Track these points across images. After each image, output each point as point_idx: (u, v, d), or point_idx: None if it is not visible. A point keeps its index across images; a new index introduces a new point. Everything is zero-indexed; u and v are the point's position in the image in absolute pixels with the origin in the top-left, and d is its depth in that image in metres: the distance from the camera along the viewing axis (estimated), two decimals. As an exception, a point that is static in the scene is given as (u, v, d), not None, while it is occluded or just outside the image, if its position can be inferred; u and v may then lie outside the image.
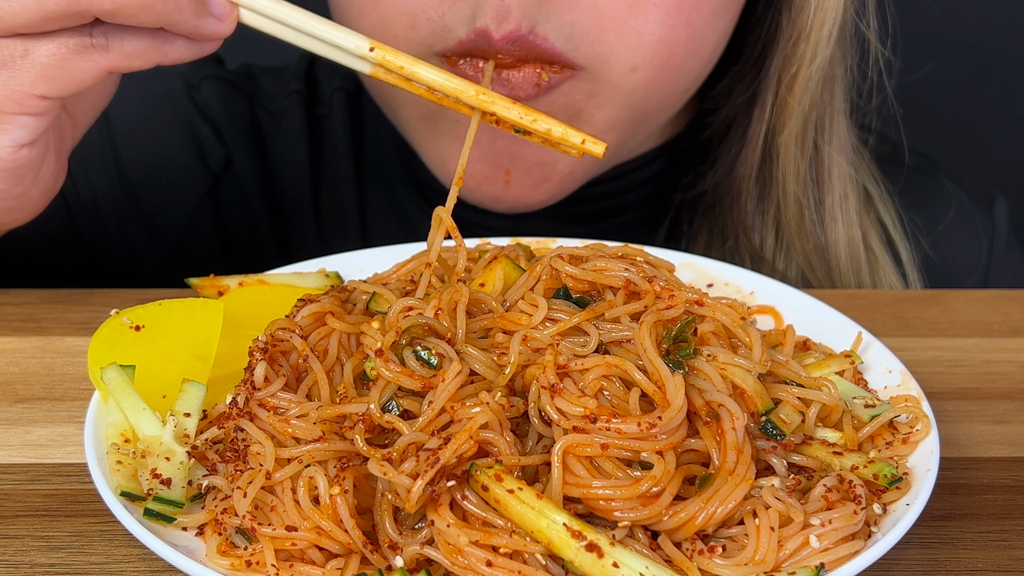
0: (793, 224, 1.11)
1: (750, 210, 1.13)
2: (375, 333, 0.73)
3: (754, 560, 0.64)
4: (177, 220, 1.24)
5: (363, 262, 0.95)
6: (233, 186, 1.25)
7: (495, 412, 0.67)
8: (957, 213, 1.22)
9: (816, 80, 1.05)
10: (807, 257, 1.12)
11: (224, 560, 0.66)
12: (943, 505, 0.76)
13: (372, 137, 1.26)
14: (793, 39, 1.04)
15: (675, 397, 0.67)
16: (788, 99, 1.06)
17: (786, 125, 1.07)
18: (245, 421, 0.71)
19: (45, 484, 0.77)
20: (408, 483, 0.64)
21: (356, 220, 1.24)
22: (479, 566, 0.63)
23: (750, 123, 1.10)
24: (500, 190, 1.04)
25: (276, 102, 1.28)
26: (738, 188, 1.12)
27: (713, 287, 0.94)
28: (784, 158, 1.09)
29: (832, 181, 1.11)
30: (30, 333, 0.95)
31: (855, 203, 1.13)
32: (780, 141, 1.08)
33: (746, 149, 1.10)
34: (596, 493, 0.66)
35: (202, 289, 0.89)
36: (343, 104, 1.26)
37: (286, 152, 1.26)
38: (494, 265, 0.80)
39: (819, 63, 1.04)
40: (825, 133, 1.10)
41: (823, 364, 0.82)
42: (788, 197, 1.10)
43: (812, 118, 1.08)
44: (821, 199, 1.11)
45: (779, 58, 1.06)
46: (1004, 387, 0.91)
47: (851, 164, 1.13)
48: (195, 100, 1.26)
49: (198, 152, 1.25)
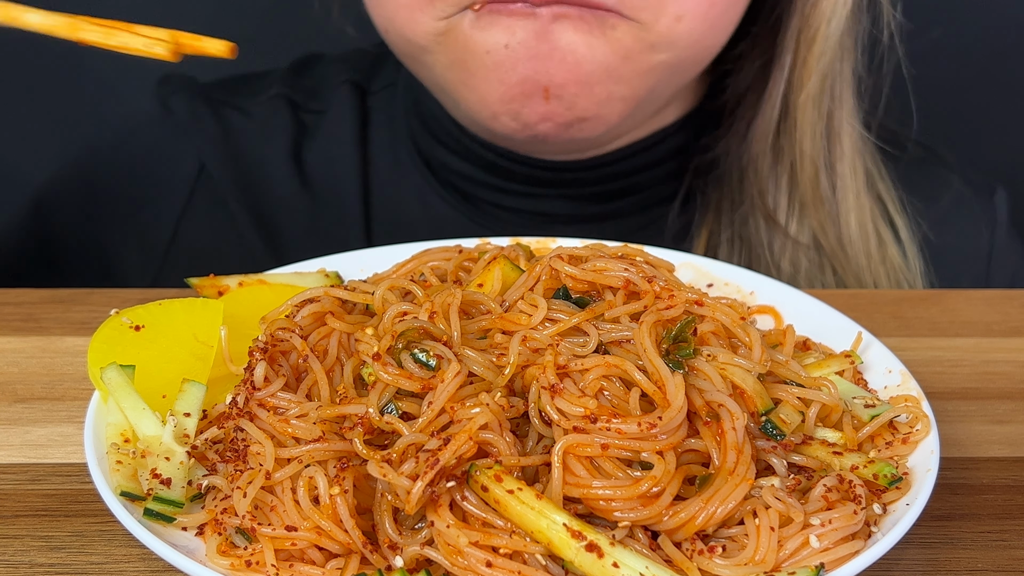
0: (809, 186, 1.12)
1: (765, 172, 1.13)
2: (370, 339, 0.73)
3: (754, 560, 0.65)
4: (160, 235, 1.25)
5: (363, 262, 0.95)
6: (210, 195, 1.25)
7: (495, 413, 0.67)
8: (957, 200, 1.23)
9: (835, 40, 1.07)
10: (820, 221, 1.13)
11: (224, 560, 0.66)
12: (943, 505, 0.76)
13: (382, 122, 1.25)
14: (812, 1, 1.06)
15: (675, 397, 0.67)
16: (808, 58, 1.07)
17: (804, 85, 1.08)
18: (245, 421, 0.71)
19: (45, 484, 0.77)
20: (408, 484, 0.64)
21: (359, 211, 1.23)
22: (479, 567, 0.63)
23: (766, 85, 1.11)
24: (543, 108, 1.02)
25: (258, 107, 1.28)
26: (754, 150, 1.13)
27: (713, 287, 0.94)
28: (802, 118, 1.10)
29: (844, 148, 1.12)
30: (30, 333, 0.95)
31: (863, 174, 1.14)
32: (799, 101, 1.09)
33: (764, 109, 1.11)
34: (596, 493, 0.66)
35: (202, 289, 0.89)
36: (349, 95, 1.25)
37: (271, 154, 1.26)
38: (493, 265, 0.80)
39: (836, 23, 1.06)
40: (838, 99, 1.11)
41: (823, 364, 0.82)
42: (804, 158, 1.11)
43: (829, 80, 1.09)
44: (833, 164, 1.12)
45: (798, 18, 1.07)
46: (1004, 387, 0.91)
47: (860, 137, 1.14)
48: (169, 115, 1.27)
49: (175, 167, 1.26)
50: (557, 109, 1.02)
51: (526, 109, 1.03)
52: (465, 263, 0.85)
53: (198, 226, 1.25)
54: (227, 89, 1.30)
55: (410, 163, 1.24)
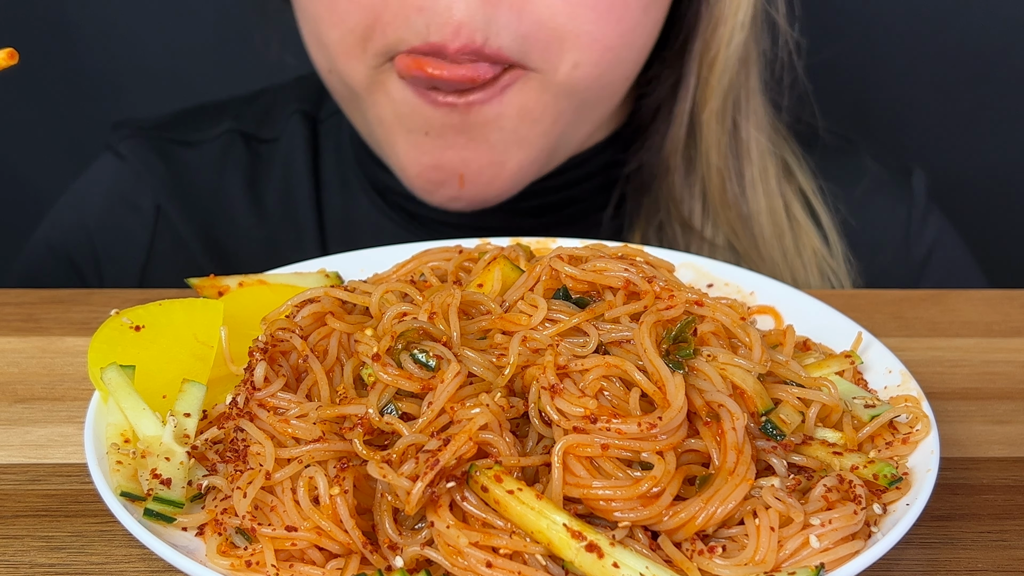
0: (716, 194, 1.20)
1: (678, 183, 1.22)
2: (369, 340, 0.73)
3: (754, 560, 0.65)
4: (129, 283, 1.29)
5: (363, 262, 0.95)
6: (170, 235, 1.29)
7: (495, 413, 0.67)
8: (874, 183, 1.30)
9: (734, 61, 1.16)
10: (731, 224, 1.21)
11: (224, 560, 0.66)
12: (943, 505, 0.76)
13: (331, 149, 1.32)
14: (712, 25, 1.15)
15: (675, 397, 0.67)
16: (709, 79, 1.16)
17: (708, 103, 1.17)
18: (245, 421, 0.71)
19: (45, 484, 0.77)
20: (408, 485, 0.64)
21: (315, 235, 1.30)
22: (479, 567, 0.63)
23: (675, 103, 1.20)
24: (456, 191, 1.11)
25: (211, 141, 1.32)
26: (667, 164, 1.21)
27: (713, 287, 0.94)
28: (707, 134, 1.19)
29: (752, 155, 1.20)
30: (30, 333, 0.96)
31: (775, 175, 1.22)
32: (703, 118, 1.18)
33: (673, 127, 1.20)
34: (596, 493, 0.66)
35: (202, 289, 0.89)
36: (299, 125, 1.32)
37: (226, 187, 1.31)
38: (492, 266, 0.80)
39: (735, 46, 1.15)
40: (743, 111, 1.20)
41: (823, 364, 0.82)
42: (711, 170, 1.20)
43: (731, 97, 1.18)
44: (741, 171, 1.21)
45: (700, 42, 1.16)
46: (1004, 387, 0.91)
47: (770, 140, 1.22)
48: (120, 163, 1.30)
49: (135, 213, 1.29)
50: (470, 191, 1.11)
51: (440, 190, 1.11)
52: (465, 263, 0.85)
53: (162, 268, 1.29)
54: (177, 126, 1.35)
55: (359, 187, 1.29)
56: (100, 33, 1.71)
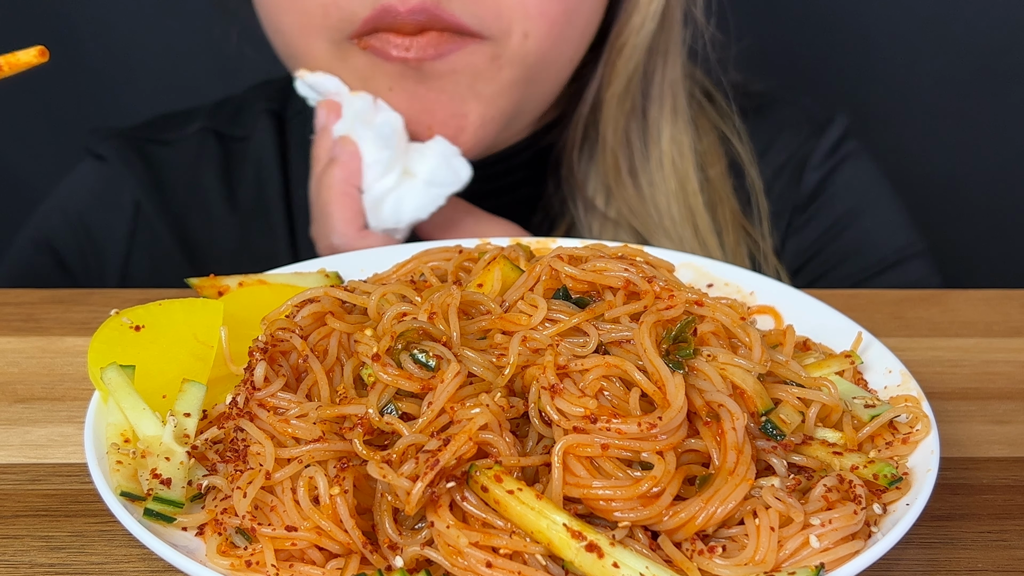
0: (611, 174, 1.27)
1: (582, 163, 1.29)
2: (369, 340, 0.73)
3: (754, 560, 0.65)
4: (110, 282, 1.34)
5: (363, 262, 0.95)
6: (149, 232, 1.34)
7: (494, 413, 0.67)
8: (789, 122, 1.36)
9: (642, 49, 1.23)
10: (628, 203, 1.27)
11: (224, 560, 0.66)
12: (943, 505, 0.76)
13: (297, 145, 1.36)
14: (627, 14, 1.22)
15: (675, 397, 0.67)
16: (616, 62, 1.24)
17: (611, 84, 1.24)
18: (245, 421, 0.71)
19: (45, 484, 0.77)
20: (408, 485, 0.64)
21: (284, 230, 1.34)
22: (479, 567, 0.63)
23: (587, 84, 1.27)
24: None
25: (186, 140, 1.38)
26: (572, 139, 1.28)
27: (713, 287, 0.94)
28: (606, 112, 1.26)
29: (660, 141, 1.27)
30: (30, 333, 0.96)
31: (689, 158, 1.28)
32: (605, 97, 1.25)
33: (581, 105, 1.27)
34: (596, 493, 0.66)
35: (202, 289, 0.89)
36: (267, 123, 1.38)
37: (202, 183, 1.36)
38: (492, 266, 0.80)
39: (644, 33, 1.22)
40: (651, 97, 1.26)
41: (823, 364, 0.82)
42: (607, 148, 1.27)
43: (636, 81, 1.25)
44: (647, 154, 1.27)
45: (615, 29, 1.24)
46: (1004, 387, 0.91)
47: (692, 123, 1.29)
48: (101, 163, 1.35)
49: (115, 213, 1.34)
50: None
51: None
52: (465, 263, 0.85)
53: (141, 260, 1.34)
54: (153, 128, 1.40)
55: None
56: (97, 32, 1.71)
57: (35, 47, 0.81)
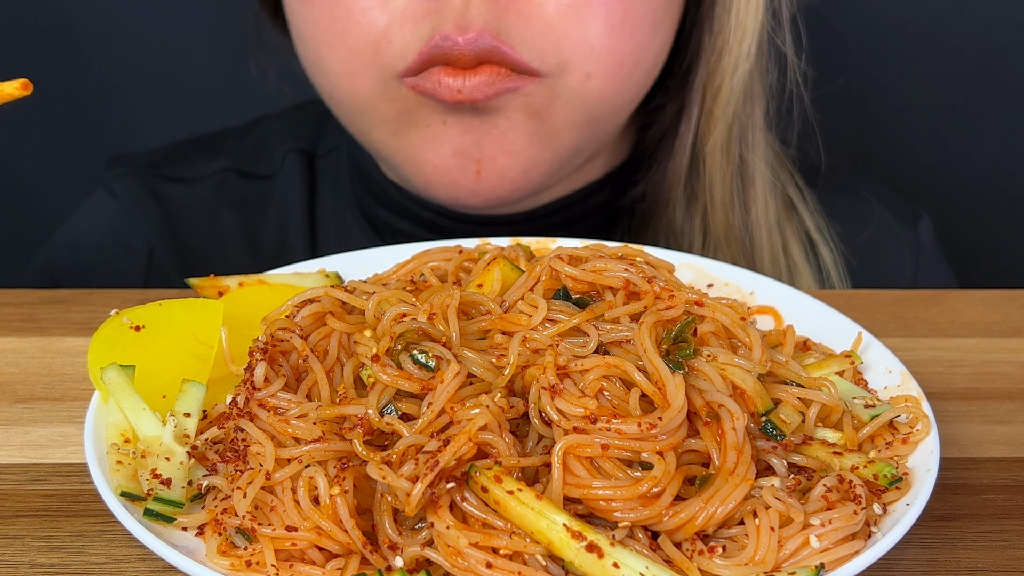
0: (721, 229, 1.19)
1: (679, 216, 1.20)
2: (368, 341, 0.73)
3: (754, 560, 0.65)
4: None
5: (363, 262, 0.95)
6: (163, 276, 1.29)
7: (494, 414, 0.67)
8: (880, 226, 1.28)
9: (738, 92, 1.14)
10: (734, 260, 1.18)
11: (224, 560, 0.66)
12: (943, 505, 0.76)
13: (328, 187, 1.30)
14: (717, 54, 1.13)
15: (675, 397, 0.67)
16: (713, 110, 1.15)
17: (711, 134, 1.15)
18: (245, 421, 0.71)
19: (45, 484, 0.77)
20: (407, 486, 0.64)
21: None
22: (479, 568, 0.63)
23: (678, 134, 1.17)
24: (473, 182, 1.09)
25: (205, 179, 1.31)
26: (667, 196, 1.19)
27: (713, 287, 0.94)
28: (711, 165, 1.16)
29: (756, 189, 1.19)
30: (30, 333, 0.96)
31: (776, 211, 1.20)
32: (707, 150, 1.16)
33: (675, 158, 1.18)
34: (596, 494, 0.66)
35: (202, 289, 0.89)
36: (296, 163, 1.30)
37: (221, 227, 1.30)
38: (492, 266, 0.80)
39: (740, 76, 1.13)
40: (748, 144, 1.18)
41: (823, 364, 0.82)
42: (715, 202, 1.18)
43: (736, 128, 1.16)
44: (747, 205, 1.19)
45: (703, 72, 1.14)
46: (1004, 387, 0.91)
47: (773, 174, 1.20)
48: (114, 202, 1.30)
49: (129, 253, 1.29)
50: (486, 183, 1.08)
51: (459, 183, 1.09)
52: (465, 263, 0.85)
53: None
54: (170, 162, 1.33)
55: (355, 225, 1.28)
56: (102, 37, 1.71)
57: (18, 80, 0.81)
